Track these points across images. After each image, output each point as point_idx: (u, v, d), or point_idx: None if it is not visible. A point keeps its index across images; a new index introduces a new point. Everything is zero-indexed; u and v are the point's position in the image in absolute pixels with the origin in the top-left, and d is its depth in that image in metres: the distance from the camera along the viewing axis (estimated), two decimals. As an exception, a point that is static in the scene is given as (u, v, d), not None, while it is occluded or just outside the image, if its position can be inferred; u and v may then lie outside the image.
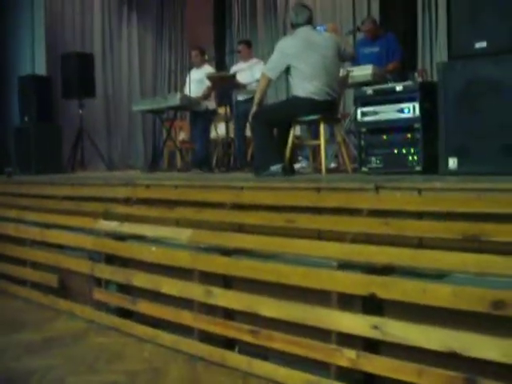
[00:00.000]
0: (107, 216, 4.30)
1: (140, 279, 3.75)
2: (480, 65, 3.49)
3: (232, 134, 7.36)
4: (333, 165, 6.08)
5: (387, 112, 4.10)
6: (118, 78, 10.03)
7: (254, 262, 3.10)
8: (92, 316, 4.09)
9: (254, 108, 4.74)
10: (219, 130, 7.89)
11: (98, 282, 4.12)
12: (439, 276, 2.52)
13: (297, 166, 6.07)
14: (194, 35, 10.85)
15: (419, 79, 5.29)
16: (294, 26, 4.76)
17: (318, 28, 5.30)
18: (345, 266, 2.74)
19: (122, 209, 4.31)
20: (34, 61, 9.12)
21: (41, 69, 8.90)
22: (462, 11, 3.66)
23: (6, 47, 8.98)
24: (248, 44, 7.55)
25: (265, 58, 6.88)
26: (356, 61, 5.87)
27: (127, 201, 4.35)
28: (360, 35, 6.79)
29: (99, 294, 4.07)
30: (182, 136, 9.11)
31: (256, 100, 4.80)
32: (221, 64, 9.47)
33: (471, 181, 2.89)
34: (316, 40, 4.66)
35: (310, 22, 4.74)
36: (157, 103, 7.19)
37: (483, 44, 3.54)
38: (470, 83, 3.51)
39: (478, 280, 2.38)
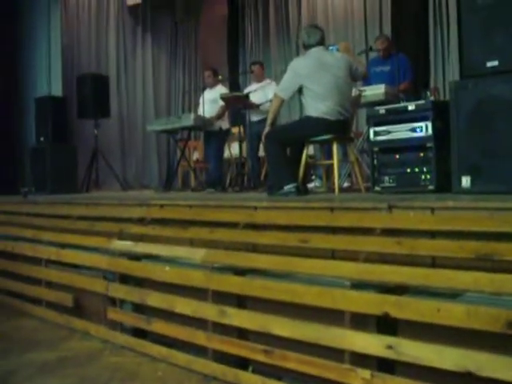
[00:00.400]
0: (122, 236, 4.34)
1: (154, 299, 3.77)
2: (492, 84, 3.51)
3: (245, 154, 7.40)
4: (346, 184, 6.09)
5: (400, 131, 4.12)
6: (132, 98, 10.12)
7: (267, 282, 3.11)
8: (106, 335, 4.11)
9: (267, 128, 4.78)
10: (233, 149, 7.93)
11: (113, 301, 4.14)
12: (453, 295, 2.51)
13: (310, 185, 6.09)
14: (208, 55, 10.98)
15: (431, 98, 5.28)
16: (306, 46, 4.81)
17: (331, 47, 5.34)
18: (358, 285, 2.74)
19: (136, 229, 4.34)
20: (51, 82, 9.24)
21: (57, 90, 9.02)
22: (473, 30, 3.69)
23: (23, 68, 9.13)
24: (261, 65, 7.61)
25: (278, 78, 6.94)
26: (368, 80, 5.89)
27: (142, 221, 4.39)
28: (372, 55, 6.82)
29: (114, 314, 4.09)
30: (196, 156, 9.17)
31: (269, 120, 4.84)
32: (234, 84, 9.56)
33: (484, 200, 2.89)
34: (328, 60, 4.69)
35: (322, 42, 4.79)
36: (171, 123, 7.25)
37: (495, 63, 3.57)
38: (482, 102, 3.53)
39: (492, 299, 2.38)
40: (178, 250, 3.86)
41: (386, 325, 2.61)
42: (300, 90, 4.71)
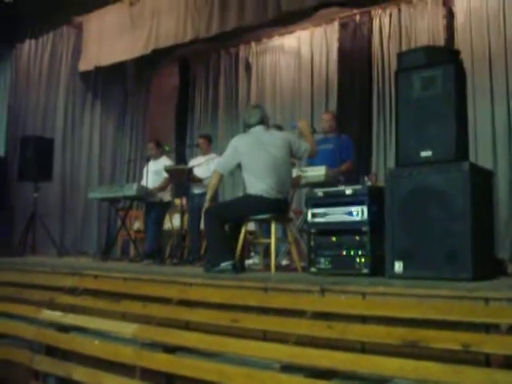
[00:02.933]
0: (51, 305, 4.22)
1: (80, 373, 3.65)
2: (425, 173, 3.66)
3: (187, 227, 7.37)
4: (285, 262, 6.11)
5: (337, 214, 4.20)
6: (77, 163, 10.02)
7: (196, 361, 3.07)
8: (26, 410, 3.93)
9: (207, 204, 4.81)
10: (174, 221, 7.90)
11: (37, 374, 3.98)
12: (381, 381, 2.53)
13: (249, 261, 6.09)
14: (156, 126, 11.05)
15: (369, 183, 5.44)
16: (247, 126, 4.92)
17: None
18: (288, 368, 2.73)
19: (67, 299, 4.24)
20: (-7, 141, 9.12)
21: (-1, 149, 8.90)
22: (409, 121, 3.86)
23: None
24: (208, 139, 7.68)
25: (224, 152, 7.01)
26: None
27: (74, 291, 4.29)
28: (316, 136, 6.99)
29: (36, 388, 3.94)
30: (137, 225, 9.08)
31: (208, 196, 4.88)
32: (180, 156, 9.62)
33: (413, 286, 2.96)
34: (266, 140, 4.79)
35: (262, 122, 4.89)
36: (113, 192, 7.21)
37: (428, 153, 3.73)
38: (415, 190, 3.66)
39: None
40: (109, 324, 3.78)
41: (312, 411, 2.59)
42: (240, 167, 4.79)
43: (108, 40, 9.21)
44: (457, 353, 2.44)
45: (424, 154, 3.74)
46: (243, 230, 4.77)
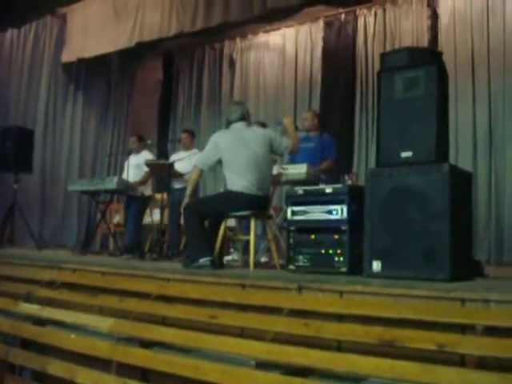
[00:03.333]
0: (29, 299, 4.18)
1: (56, 367, 3.62)
2: (405, 173, 3.67)
3: (167, 221, 7.35)
4: (264, 259, 6.12)
5: (316, 212, 4.21)
6: (57, 156, 9.93)
7: (172, 357, 3.06)
8: (1, 404, 3.90)
9: (186, 199, 4.79)
10: (154, 216, 7.88)
11: (12, 367, 3.94)
12: (356, 380, 2.54)
13: (228, 257, 6.09)
14: (139, 119, 11.00)
15: (350, 182, 5.46)
16: (228, 122, 4.91)
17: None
18: (263, 365, 2.73)
19: (44, 292, 4.20)
20: (-27, 132, 9.02)
21: (-22, 140, 8.80)
22: (390, 121, 3.88)
23: None
24: (191, 134, 7.66)
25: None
26: (293, 156, 5.99)
27: (51, 284, 4.25)
28: (299, 134, 6.99)
29: (11, 381, 3.90)
30: (117, 219, 9.03)
31: (188, 191, 4.87)
32: (162, 150, 9.58)
33: (390, 286, 2.98)
34: (247, 137, 4.79)
35: (243, 118, 4.88)
36: (93, 185, 7.17)
37: (409, 154, 3.74)
38: (395, 190, 3.68)
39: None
40: (86, 318, 3.76)
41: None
42: (221, 163, 4.78)
43: (92, 32, 9.15)
44: (432, 352, 2.45)
45: (404, 154, 3.76)
46: (223, 226, 4.77)
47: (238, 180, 4.65)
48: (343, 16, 8.98)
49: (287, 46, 9.70)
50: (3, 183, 8.66)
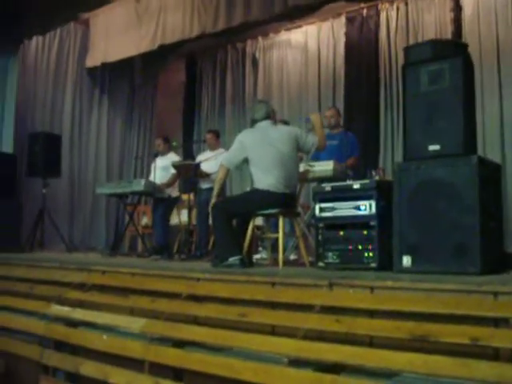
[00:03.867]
0: (60, 301, 4.24)
1: (88, 368, 3.67)
2: (433, 167, 3.65)
3: (195, 222, 7.39)
4: (293, 256, 6.11)
5: (344, 209, 4.21)
6: (84, 159, 10.05)
7: (205, 355, 3.08)
8: (37, 405, 3.96)
9: (214, 199, 4.81)
10: (182, 216, 7.92)
11: (46, 369, 4.00)
12: (389, 375, 2.52)
13: (257, 256, 6.10)
14: (164, 122, 11.06)
15: (377, 177, 5.42)
16: (253, 121, 4.92)
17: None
18: (296, 362, 2.73)
19: (76, 294, 4.26)
20: (2, 138, 9.16)
21: (7, 146, 8.93)
22: (416, 115, 3.85)
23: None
24: (216, 134, 7.67)
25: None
26: (317, 153, 5.97)
27: (82, 286, 4.30)
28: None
29: (46, 382, 3.95)
30: (145, 221, 9.10)
31: (215, 191, 4.88)
32: (188, 152, 9.63)
33: (421, 280, 2.95)
34: (273, 135, 4.78)
35: (268, 117, 4.88)
36: (121, 187, 7.24)
37: (436, 147, 3.71)
38: (423, 184, 3.65)
39: (427, 380, 2.40)
40: (117, 319, 3.79)
41: (321, 404, 2.59)
42: (248, 162, 4.79)
43: (115, 36, 9.23)
44: (466, 347, 2.43)
45: (432, 147, 3.73)
46: (251, 225, 4.77)
47: (265, 178, 4.65)
48: (365, 11, 8.92)
49: (309, 43, 9.66)
50: (32, 188, 8.78)
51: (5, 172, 8.06)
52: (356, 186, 4.22)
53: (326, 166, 5.54)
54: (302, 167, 5.40)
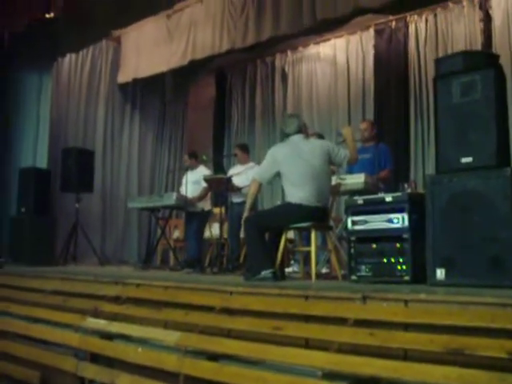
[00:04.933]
0: (95, 314, 4.29)
1: (124, 380, 3.71)
2: (466, 179, 3.63)
3: (226, 235, 7.43)
4: (325, 270, 6.10)
5: (377, 222, 4.20)
6: (116, 173, 10.18)
7: (239, 369, 3.09)
8: (73, 417, 4.01)
9: (246, 213, 4.84)
10: (214, 230, 7.96)
11: (82, 381, 4.05)
12: (424, 389, 2.51)
13: (289, 269, 6.10)
14: (194, 136, 11.17)
15: (409, 190, 5.40)
16: (285, 135, 4.94)
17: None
18: (330, 375, 2.73)
19: (110, 307, 4.31)
20: (36, 153, 9.36)
21: (42, 162, 9.11)
22: (448, 127, 3.84)
23: (10, 139, 9.26)
24: (243, 148, 7.70)
25: (261, 161, 7.04)
26: (350, 167, 5.97)
27: (117, 299, 4.36)
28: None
29: (82, 395, 4.00)
30: (177, 234, 9.18)
31: (247, 205, 4.91)
32: (218, 166, 9.70)
33: (456, 293, 2.94)
34: (304, 149, 4.81)
35: (299, 131, 4.91)
36: (152, 201, 7.33)
37: (469, 159, 3.69)
38: (456, 196, 3.63)
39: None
40: (152, 332, 3.83)
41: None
42: (280, 176, 4.81)
43: (146, 52, 9.37)
44: (502, 361, 2.41)
45: (464, 160, 3.71)
46: (283, 238, 4.79)
47: (297, 192, 4.67)
48: (394, 23, 8.91)
49: (338, 56, 9.67)
50: (66, 203, 8.93)
51: (40, 188, 8.23)
52: (388, 198, 4.21)
53: (357, 179, 5.54)
54: (333, 180, 5.41)
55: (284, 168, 4.76)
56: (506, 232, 3.36)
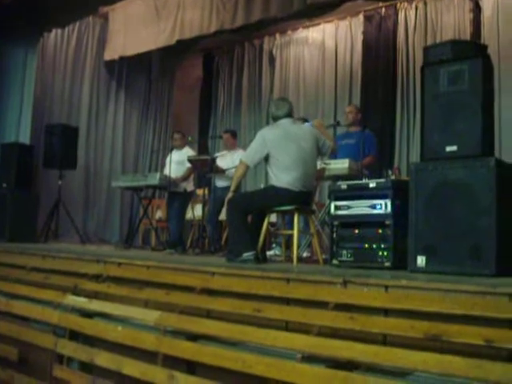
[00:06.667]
0: (76, 291, 4.28)
1: (103, 358, 3.69)
2: (450, 167, 3.63)
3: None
4: (306, 254, 6.13)
5: (360, 207, 4.21)
6: (100, 152, 10.11)
7: (218, 349, 3.09)
8: (50, 394, 4.00)
9: (230, 194, 4.82)
10: (196, 211, 7.95)
11: (60, 358, 4.03)
12: (402, 374, 2.53)
13: (270, 252, 6.12)
14: (179, 116, 11.11)
15: (393, 177, 5.42)
16: (275, 118, 4.92)
17: (307, 124, 5.47)
18: (309, 358, 2.75)
19: (91, 285, 4.29)
20: (19, 129, 9.22)
21: (25, 137, 9.00)
22: (434, 115, 3.83)
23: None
24: (233, 134, 7.68)
25: (246, 145, 7.01)
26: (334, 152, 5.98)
27: (97, 277, 4.34)
28: (340, 130, 6.99)
29: (59, 372, 3.99)
30: (159, 215, 9.15)
31: (232, 186, 4.89)
32: (203, 147, 9.66)
33: (436, 281, 2.96)
34: (295, 132, 4.81)
35: (290, 115, 4.90)
36: (136, 181, 7.29)
37: (454, 148, 3.70)
38: (440, 185, 3.64)
39: (441, 380, 2.40)
40: (132, 311, 3.82)
41: (333, 401, 2.60)
42: (266, 159, 4.79)
43: (133, 30, 9.28)
44: (479, 348, 2.43)
45: (449, 148, 3.72)
46: (266, 221, 4.79)
47: (283, 176, 4.66)
48: (383, 10, 8.91)
49: (327, 42, 9.66)
50: (48, 179, 8.86)
51: (22, 163, 8.13)
52: (372, 184, 4.22)
53: (341, 164, 5.55)
54: (317, 165, 5.42)
55: (274, 151, 4.73)
56: (487, 221, 3.37)
